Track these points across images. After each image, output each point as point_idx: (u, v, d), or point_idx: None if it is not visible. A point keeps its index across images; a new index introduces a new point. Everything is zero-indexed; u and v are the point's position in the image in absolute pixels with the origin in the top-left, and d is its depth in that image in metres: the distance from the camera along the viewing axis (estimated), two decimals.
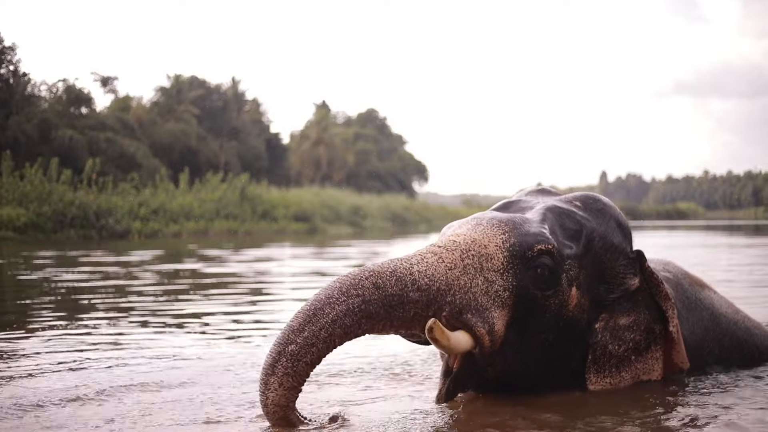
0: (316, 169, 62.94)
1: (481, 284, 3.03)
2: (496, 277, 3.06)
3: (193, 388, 3.62)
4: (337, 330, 2.78)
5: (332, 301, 2.80)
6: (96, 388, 3.59)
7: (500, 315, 3.04)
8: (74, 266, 12.48)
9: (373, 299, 2.82)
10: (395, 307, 2.86)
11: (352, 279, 2.85)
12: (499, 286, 3.05)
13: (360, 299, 2.81)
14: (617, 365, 3.31)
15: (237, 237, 28.64)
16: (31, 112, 38.62)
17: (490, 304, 3.02)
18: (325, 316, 2.78)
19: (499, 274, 3.06)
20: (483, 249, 3.09)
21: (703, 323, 3.78)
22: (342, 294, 2.81)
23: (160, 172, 36.96)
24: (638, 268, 3.40)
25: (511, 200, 3.60)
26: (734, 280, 9.37)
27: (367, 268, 2.90)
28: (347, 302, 2.79)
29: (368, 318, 2.82)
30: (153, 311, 6.61)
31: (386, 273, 2.89)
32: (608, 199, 3.58)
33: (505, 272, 3.07)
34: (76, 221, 25.61)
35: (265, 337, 5.18)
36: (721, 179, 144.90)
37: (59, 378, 3.86)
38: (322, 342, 2.77)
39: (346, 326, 2.79)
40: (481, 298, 3.01)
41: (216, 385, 3.67)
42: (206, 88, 56.33)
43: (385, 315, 2.85)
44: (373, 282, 2.85)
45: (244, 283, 9.69)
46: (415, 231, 36.90)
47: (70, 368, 4.11)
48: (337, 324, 2.78)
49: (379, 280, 2.85)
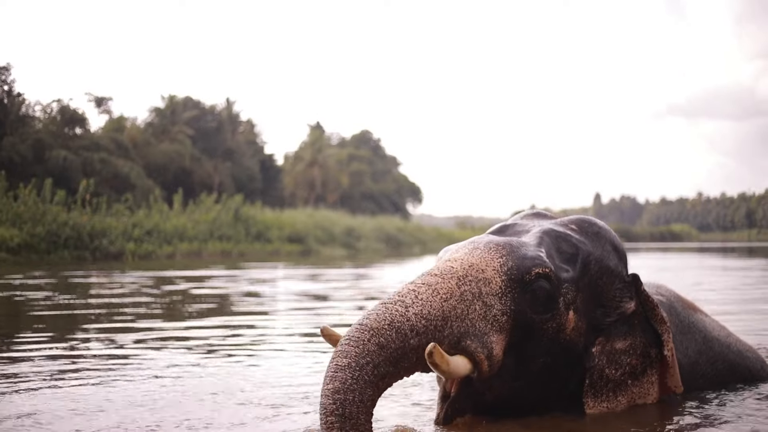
0: (310, 190, 63.03)
1: (479, 309, 3.01)
2: (495, 301, 3.05)
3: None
4: (368, 403, 2.74)
5: (348, 384, 2.72)
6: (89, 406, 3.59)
7: (498, 339, 3.03)
8: (67, 288, 12.44)
9: (381, 361, 2.78)
10: (400, 360, 2.83)
11: (356, 347, 2.78)
12: (497, 310, 3.04)
13: (371, 366, 2.76)
14: (614, 389, 3.31)
15: (231, 258, 28.58)
16: (25, 132, 38.61)
17: (488, 329, 3.01)
18: (351, 404, 2.71)
19: (498, 298, 3.05)
20: (481, 273, 3.07)
21: (696, 346, 3.81)
22: (354, 371, 2.73)
23: (154, 193, 36.94)
24: (634, 292, 3.42)
25: (506, 224, 3.61)
26: (727, 300, 9.38)
27: (365, 326, 2.82)
28: (362, 376, 2.73)
29: (382, 378, 2.80)
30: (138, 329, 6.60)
31: (385, 328, 2.83)
32: (604, 223, 3.59)
33: (503, 296, 3.06)
34: (69, 242, 25.54)
35: (252, 357, 5.17)
36: (715, 201, 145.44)
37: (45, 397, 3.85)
38: (363, 422, 2.72)
39: (370, 397, 2.75)
40: (479, 323, 3.00)
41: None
42: (200, 109, 56.48)
43: (393, 371, 2.83)
44: (377, 343, 2.80)
45: (234, 304, 9.67)
46: (409, 253, 36.94)
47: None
48: (365, 398, 2.73)
49: (381, 339, 2.80)
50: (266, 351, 5.60)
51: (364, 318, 2.87)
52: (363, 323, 2.84)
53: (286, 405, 3.74)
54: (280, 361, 5.11)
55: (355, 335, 2.81)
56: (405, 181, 75.98)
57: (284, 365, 4.95)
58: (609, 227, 3.58)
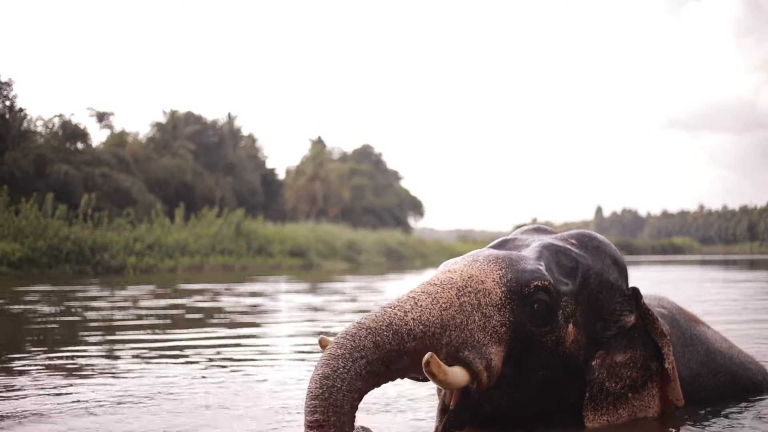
0: (312, 204, 63.08)
1: (478, 320, 3.01)
2: (494, 312, 3.04)
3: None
4: (355, 395, 2.73)
5: (339, 372, 2.72)
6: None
7: (497, 350, 3.03)
8: (65, 300, 12.43)
9: (375, 359, 2.78)
10: (394, 361, 2.83)
11: (352, 341, 2.79)
12: (496, 321, 3.04)
13: (364, 360, 2.76)
14: (614, 402, 3.31)
15: (232, 272, 28.58)
16: (26, 147, 38.65)
17: (487, 340, 3.01)
18: (338, 391, 2.70)
19: (497, 309, 3.05)
20: (480, 284, 3.08)
21: (698, 358, 3.82)
22: (347, 361, 2.74)
23: (155, 207, 36.94)
24: (634, 305, 3.42)
25: (507, 238, 3.62)
26: (729, 310, 9.36)
27: (363, 324, 2.84)
28: (354, 368, 2.73)
29: (373, 376, 2.79)
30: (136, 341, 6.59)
31: (383, 328, 2.83)
32: (604, 237, 3.60)
33: (502, 307, 3.06)
34: (71, 256, 25.53)
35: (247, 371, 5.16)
36: (717, 214, 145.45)
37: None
38: (347, 412, 2.70)
39: (358, 389, 2.74)
40: (478, 334, 3.00)
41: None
42: (202, 124, 56.60)
43: (385, 371, 2.83)
44: (373, 341, 2.80)
45: (233, 317, 9.66)
46: (410, 266, 36.88)
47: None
48: (353, 389, 2.72)
49: (378, 338, 2.81)
50: (264, 363, 5.59)
51: (362, 318, 2.89)
52: (361, 322, 2.86)
53: (284, 417, 3.73)
54: (279, 373, 5.10)
55: (352, 331, 2.83)
56: (406, 194, 76.10)
57: (283, 376, 4.93)
58: (609, 241, 3.59)
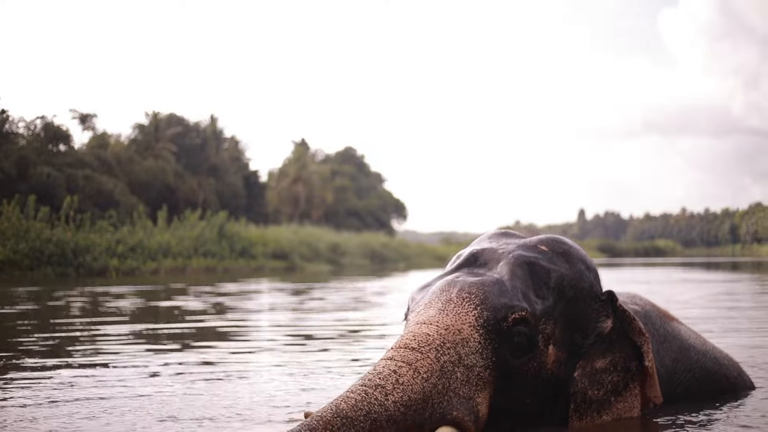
0: (295, 206, 62.92)
1: (461, 375, 2.96)
2: (476, 359, 3.00)
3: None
4: None
5: None
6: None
7: (484, 397, 2.99)
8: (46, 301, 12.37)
9: None
10: None
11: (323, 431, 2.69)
12: (479, 368, 2.99)
13: None
14: (598, 409, 3.30)
15: (215, 274, 28.50)
16: (8, 149, 38.41)
17: (472, 392, 2.97)
18: None
19: (478, 356, 3.01)
20: (458, 335, 3.01)
21: (673, 355, 3.80)
22: None
23: (138, 209, 36.76)
24: (611, 310, 3.38)
25: (476, 250, 3.49)
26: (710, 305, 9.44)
27: (340, 411, 2.74)
28: None
29: None
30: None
31: (360, 419, 2.74)
32: (572, 241, 3.54)
33: (483, 351, 3.02)
34: (53, 258, 25.44)
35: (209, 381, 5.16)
36: (699, 217, 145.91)
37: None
38: None
39: None
40: (463, 389, 2.95)
41: None
42: (184, 126, 56.30)
43: None
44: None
45: (214, 319, 9.65)
46: (393, 268, 36.87)
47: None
48: None
49: (352, 430, 2.70)
50: (244, 368, 5.54)
51: (341, 400, 2.79)
52: (339, 407, 2.76)
53: (265, 422, 3.74)
54: (258, 378, 5.07)
55: (328, 418, 2.72)
56: (389, 197, 75.97)
57: (264, 382, 4.92)
58: (578, 245, 3.53)
